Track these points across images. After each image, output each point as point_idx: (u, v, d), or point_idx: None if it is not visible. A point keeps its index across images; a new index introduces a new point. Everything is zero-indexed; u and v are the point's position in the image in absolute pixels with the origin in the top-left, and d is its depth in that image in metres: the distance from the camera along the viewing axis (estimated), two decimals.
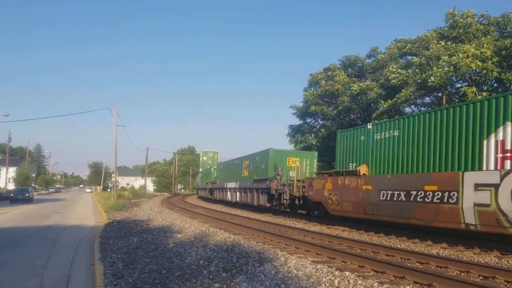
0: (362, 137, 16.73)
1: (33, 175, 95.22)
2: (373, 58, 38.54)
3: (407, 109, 31.14)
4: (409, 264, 8.81)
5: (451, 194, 11.89)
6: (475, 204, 11.19)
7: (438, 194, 12.33)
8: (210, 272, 8.11)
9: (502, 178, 10.61)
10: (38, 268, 9.14)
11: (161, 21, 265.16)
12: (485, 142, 11.50)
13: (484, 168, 11.41)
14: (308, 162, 26.95)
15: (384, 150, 15.42)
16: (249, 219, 20.70)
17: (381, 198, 14.61)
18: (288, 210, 24.07)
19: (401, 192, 13.74)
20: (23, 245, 12.41)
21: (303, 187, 20.94)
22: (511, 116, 10.80)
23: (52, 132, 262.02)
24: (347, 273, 7.67)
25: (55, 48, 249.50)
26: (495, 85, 26.27)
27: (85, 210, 30.21)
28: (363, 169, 16.25)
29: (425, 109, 29.98)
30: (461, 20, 27.13)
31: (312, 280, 7.19)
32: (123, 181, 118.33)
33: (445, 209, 12.05)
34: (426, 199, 12.72)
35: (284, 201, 23.11)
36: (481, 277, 7.81)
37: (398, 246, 11.93)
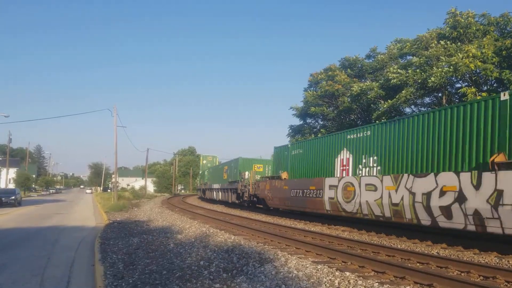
0: (286, 152, 23.54)
1: (34, 176, 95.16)
2: (373, 59, 38.51)
3: (408, 110, 31.13)
4: (409, 264, 8.82)
5: (320, 192, 18.68)
6: (329, 198, 17.96)
7: (315, 192, 19.12)
8: (211, 272, 8.11)
9: (338, 181, 17.48)
10: (38, 268, 9.13)
11: (161, 22, 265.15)
12: (336, 159, 18.31)
13: (335, 176, 18.09)
14: (270, 168, 32.18)
15: (296, 162, 22.28)
16: (249, 219, 20.71)
17: (291, 194, 21.55)
18: (250, 205, 29.86)
19: (300, 191, 20.55)
20: (23, 246, 12.41)
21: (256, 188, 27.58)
22: (346, 145, 17.72)
23: (53, 133, 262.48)
24: (348, 273, 7.67)
25: (55, 49, 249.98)
26: (495, 85, 26.25)
27: (85, 211, 30.21)
28: (284, 175, 23.00)
29: (425, 109, 29.94)
30: (462, 20, 27.11)
31: (312, 280, 7.18)
32: (124, 182, 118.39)
33: (317, 201, 18.86)
34: (310, 195, 19.50)
35: (246, 198, 29.57)
36: (481, 277, 7.81)
37: (399, 246, 11.93)
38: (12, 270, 9.00)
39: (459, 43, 26.66)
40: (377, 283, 6.98)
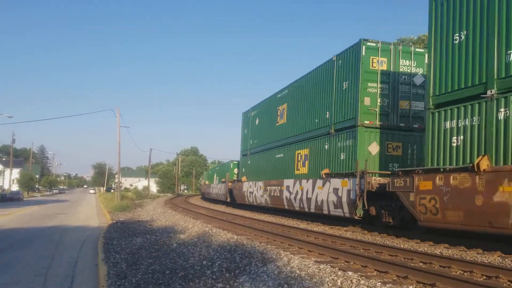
0: (207, 172, 60.50)
1: (37, 176, 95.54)
2: None
3: None
4: (412, 264, 8.80)
5: (210, 189, 48.03)
6: (212, 192, 45.95)
7: (210, 188, 47.57)
8: (213, 272, 8.13)
9: (213, 185, 46.14)
10: (41, 268, 9.18)
11: (161, 22, 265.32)
12: (214, 177, 46.10)
13: (213, 183, 45.84)
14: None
15: (209, 177, 52.53)
16: (252, 219, 20.73)
17: (208, 191, 50.26)
18: (202, 197, 57.66)
19: (210, 188, 47.44)
20: (27, 246, 12.47)
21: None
22: (206, 176, 57.47)
23: (56, 134, 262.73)
24: (350, 273, 7.66)
25: (55, 49, 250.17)
26: None
27: (88, 211, 30.32)
28: (207, 182, 51.68)
29: None
30: None
31: (315, 280, 7.19)
32: (127, 182, 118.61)
33: (209, 192, 48.13)
34: (210, 190, 47.35)
35: (201, 194, 60.35)
36: (484, 277, 7.78)
37: (401, 246, 11.90)
38: (15, 270, 9.05)
39: None
40: (379, 283, 6.97)
